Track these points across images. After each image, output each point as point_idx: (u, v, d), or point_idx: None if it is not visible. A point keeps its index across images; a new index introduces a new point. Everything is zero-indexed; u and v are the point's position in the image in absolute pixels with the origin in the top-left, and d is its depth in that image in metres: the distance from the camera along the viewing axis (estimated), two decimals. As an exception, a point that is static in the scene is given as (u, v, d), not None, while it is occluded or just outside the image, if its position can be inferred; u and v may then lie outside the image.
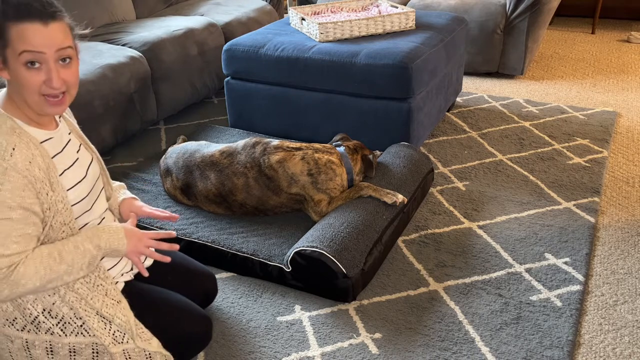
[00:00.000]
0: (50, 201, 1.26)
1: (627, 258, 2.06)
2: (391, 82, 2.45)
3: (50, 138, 1.32)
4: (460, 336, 1.71)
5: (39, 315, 1.31)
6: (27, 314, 1.31)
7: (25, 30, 1.17)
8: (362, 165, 2.22)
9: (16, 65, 1.20)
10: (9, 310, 1.31)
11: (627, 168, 2.67)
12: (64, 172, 1.34)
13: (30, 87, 1.21)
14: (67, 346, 1.34)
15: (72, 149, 1.39)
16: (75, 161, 1.38)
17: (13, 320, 1.32)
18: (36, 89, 1.22)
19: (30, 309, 1.31)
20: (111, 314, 1.37)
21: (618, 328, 1.75)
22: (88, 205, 1.41)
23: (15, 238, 1.20)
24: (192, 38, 3.20)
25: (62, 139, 1.36)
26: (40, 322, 1.31)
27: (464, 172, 2.64)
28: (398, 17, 2.75)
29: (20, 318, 1.31)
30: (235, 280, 1.98)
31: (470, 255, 2.07)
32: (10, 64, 1.21)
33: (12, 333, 1.32)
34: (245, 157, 2.13)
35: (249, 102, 2.86)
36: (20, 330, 1.32)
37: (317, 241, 1.86)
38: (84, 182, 1.39)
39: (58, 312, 1.33)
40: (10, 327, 1.32)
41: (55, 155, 1.32)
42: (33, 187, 1.21)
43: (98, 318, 1.35)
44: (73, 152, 1.39)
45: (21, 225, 1.21)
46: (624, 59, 4.14)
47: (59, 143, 1.35)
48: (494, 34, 3.65)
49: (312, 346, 1.70)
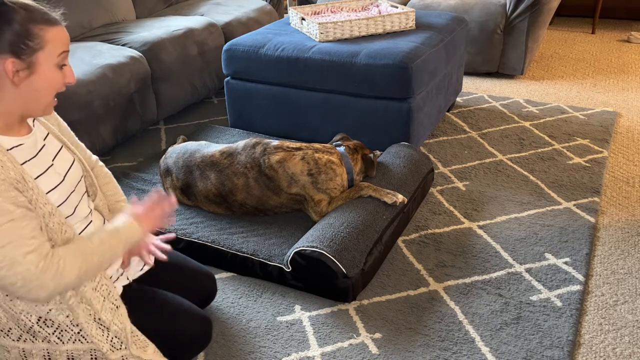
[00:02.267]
0: (34, 200, 1.25)
1: (627, 258, 2.06)
2: (391, 82, 2.45)
3: (20, 144, 1.29)
4: (461, 336, 1.71)
5: (33, 325, 1.30)
6: (21, 325, 1.30)
7: (58, 33, 1.25)
8: (363, 165, 2.22)
9: (49, 67, 1.24)
10: (3, 321, 1.29)
11: (627, 168, 2.67)
12: (37, 177, 1.31)
13: (54, 87, 1.28)
14: (65, 353, 1.33)
15: (46, 155, 1.36)
16: (49, 167, 1.35)
17: (8, 330, 1.30)
18: (58, 88, 1.29)
19: (24, 320, 1.29)
20: (109, 320, 1.35)
21: (618, 328, 1.75)
22: (69, 209, 1.39)
23: (29, 234, 1.20)
24: (192, 38, 3.20)
25: (35, 145, 1.33)
26: (36, 331, 1.30)
27: (464, 172, 2.64)
28: (398, 17, 2.75)
29: (15, 328, 1.30)
30: (235, 280, 1.98)
31: (470, 255, 2.07)
32: (41, 68, 1.23)
33: (8, 343, 1.31)
34: (245, 157, 2.13)
35: (249, 102, 2.86)
36: (16, 341, 1.30)
37: (317, 241, 1.86)
38: (61, 187, 1.36)
39: (54, 320, 1.31)
40: (5, 337, 1.30)
41: (25, 162, 1.29)
42: (15, 187, 1.21)
43: (96, 325, 1.34)
44: (47, 158, 1.36)
45: (27, 221, 1.20)
46: (624, 59, 4.14)
47: (31, 149, 1.32)
48: (494, 34, 3.65)
49: (312, 346, 1.70)
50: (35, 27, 1.21)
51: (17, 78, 1.21)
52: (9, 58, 1.19)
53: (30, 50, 1.21)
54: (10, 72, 1.19)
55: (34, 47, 1.21)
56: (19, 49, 1.19)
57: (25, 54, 1.20)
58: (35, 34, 1.21)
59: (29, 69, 1.22)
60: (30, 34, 1.20)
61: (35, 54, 1.21)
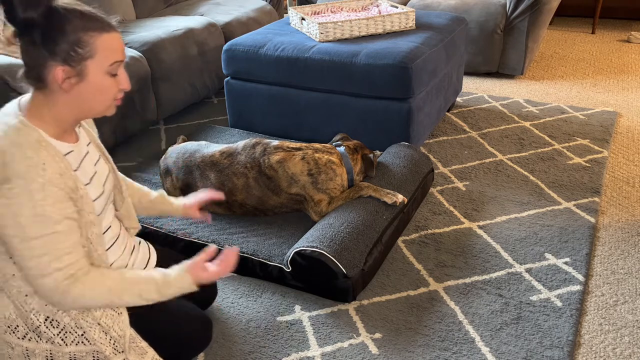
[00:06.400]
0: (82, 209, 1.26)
1: (627, 258, 2.06)
2: (391, 82, 2.45)
3: (72, 151, 1.31)
4: (461, 336, 1.71)
5: (40, 325, 1.30)
6: (29, 323, 1.30)
7: (112, 40, 1.23)
8: (363, 165, 2.22)
9: (98, 75, 1.23)
10: (12, 317, 1.30)
11: (627, 168, 2.67)
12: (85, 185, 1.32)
13: (109, 94, 1.26)
14: (68, 355, 1.33)
15: (89, 162, 1.37)
16: (93, 175, 1.37)
17: (15, 328, 1.31)
18: (114, 95, 1.28)
19: (32, 319, 1.30)
20: (108, 325, 1.35)
21: (618, 328, 1.75)
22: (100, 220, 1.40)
23: (67, 249, 1.21)
24: (192, 38, 3.20)
25: (80, 152, 1.34)
26: (41, 331, 1.31)
27: (464, 172, 2.64)
28: (398, 17, 2.75)
29: (22, 326, 1.31)
30: (235, 280, 1.98)
31: (470, 255, 2.07)
32: (91, 76, 1.22)
33: (13, 340, 1.31)
34: (245, 157, 2.13)
35: (249, 102, 2.86)
36: (21, 339, 1.31)
37: (317, 241, 1.86)
38: (101, 199, 1.38)
39: (60, 321, 1.32)
40: (11, 334, 1.31)
41: (76, 170, 1.31)
42: (70, 197, 1.22)
43: (99, 328, 1.35)
44: (91, 166, 1.37)
45: (68, 235, 1.21)
46: (624, 59, 4.15)
47: (78, 156, 1.33)
48: (494, 34, 3.65)
49: (312, 346, 1.70)
50: (86, 35, 1.20)
51: (67, 84, 1.22)
52: (59, 65, 1.19)
53: (80, 57, 1.20)
54: (60, 78, 1.20)
55: (84, 55, 1.20)
56: (69, 56, 1.19)
57: (75, 61, 1.20)
58: (85, 41, 1.20)
59: (78, 76, 1.22)
60: (81, 42, 1.20)
61: (84, 61, 1.21)
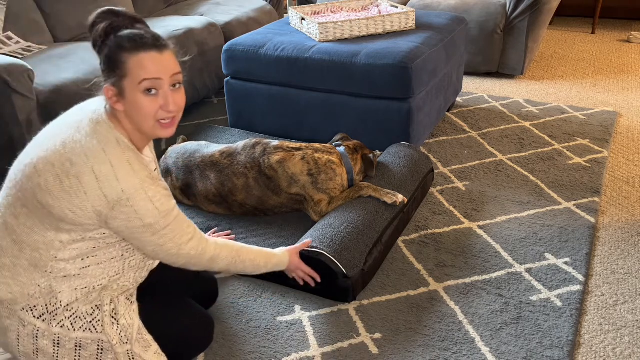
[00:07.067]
0: None
1: (627, 258, 2.06)
2: (391, 82, 2.45)
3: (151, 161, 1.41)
4: (461, 336, 1.71)
5: (59, 308, 1.32)
6: (50, 305, 1.32)
7: (144, 59, 1.24)
8: (363, 165, 2.22)
9: (134, 94, 1.25)
10: (35, 296, 1.31)
11: (627, 168, 2.67)
12: None
13: (148, 113, 1.27)
14: (74, 341, 1.34)
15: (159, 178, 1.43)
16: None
17: (34, 307, 1.32)
18: (153, 114, 1.28)
19: (55, 301, 1.32)
20: (120, 313, 1.38)
21: (618, 328, 1.75)
22: None
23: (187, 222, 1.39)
24: (192, 38, 3.20)
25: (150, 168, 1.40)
26: (57, 314, 1.32)
27: (464, 172, 2.64)
28: (398, 17, 2.75)
29: (41, 306, 1.32)
30: (235, 280, 1.98)
31: (470, 255, 2.07)
32: (128, 94, 1.25)
33: (27, 318, 1.32)
34: (245, 157, 2.13)
35: (249, 102, 2.86)
36: (36, 318, 1.32)
37: (317, 241, 1.86)
38: None
39: (76, 309, 1.34)
40: (28, 312, 1.32)
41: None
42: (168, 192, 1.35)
43: (109, 316, 1.37)
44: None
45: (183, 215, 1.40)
46: (624, 59, 4.15)
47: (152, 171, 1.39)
48: (494, 34, 3.65)
49: (312, 346, 1.70)
50: (120, 54, 1.23)
51: (114, 102, 1.27)
52: (106, 84, 1.25)
53: (117, 77, 1.24)
54: (108, 97, 1.26)
55: (120, 74, 1.24)
56: (110, 75, 1.24)
57: (114, 80, 1.25)
58: (119, 61, 1.23)
59: (120, 95, 1.26)
60: (116, 62, 1.23)
61: (122, 80, 1.24)
